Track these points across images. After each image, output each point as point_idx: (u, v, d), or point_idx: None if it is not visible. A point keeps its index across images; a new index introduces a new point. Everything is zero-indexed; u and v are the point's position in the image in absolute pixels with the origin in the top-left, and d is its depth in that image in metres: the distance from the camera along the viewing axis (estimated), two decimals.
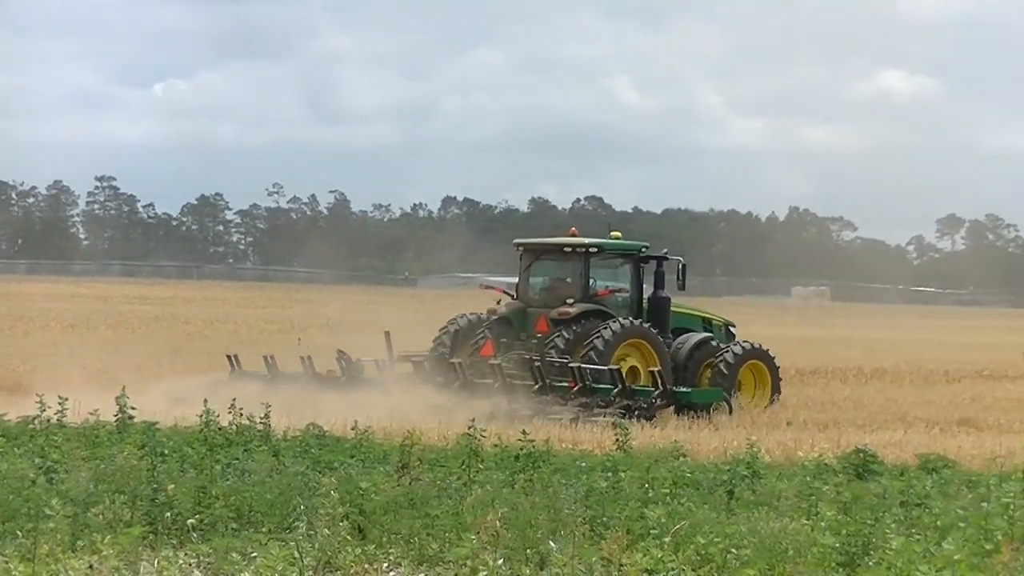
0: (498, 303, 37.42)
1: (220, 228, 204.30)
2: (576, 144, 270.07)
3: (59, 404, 21.95)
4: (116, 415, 23.97)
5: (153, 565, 14.09)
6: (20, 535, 14.68)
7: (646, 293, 36.98)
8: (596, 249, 36.42)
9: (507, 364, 34.41)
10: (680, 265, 36.94)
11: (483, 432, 19.62)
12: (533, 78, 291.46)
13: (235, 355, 37.89)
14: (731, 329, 38.79)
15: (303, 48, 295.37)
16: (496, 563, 13.45)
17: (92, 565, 13.70)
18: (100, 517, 15.89)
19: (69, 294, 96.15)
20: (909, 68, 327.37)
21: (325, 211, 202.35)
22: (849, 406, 38.20)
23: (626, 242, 37.64)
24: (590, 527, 15.42)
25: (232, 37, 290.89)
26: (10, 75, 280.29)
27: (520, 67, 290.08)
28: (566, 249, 36.63)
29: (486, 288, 41.26)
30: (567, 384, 33.11)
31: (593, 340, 34.49)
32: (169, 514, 15.88)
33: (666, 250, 37.92)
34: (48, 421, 22.22)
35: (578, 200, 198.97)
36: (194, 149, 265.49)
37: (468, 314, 37.04)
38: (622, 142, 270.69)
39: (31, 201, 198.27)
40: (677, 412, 33.07)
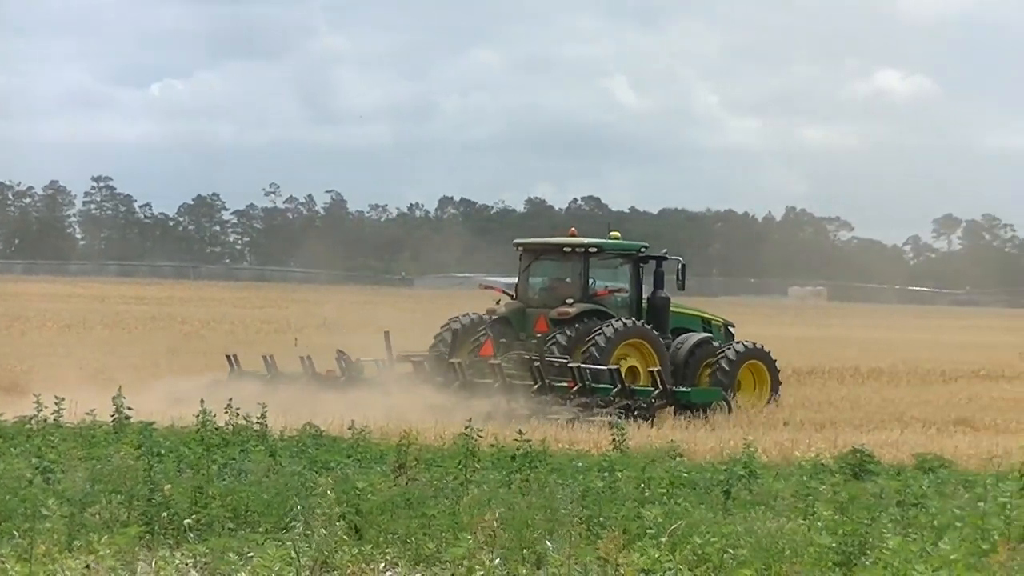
0: (497, 303, 37.40)
1: (217, 228, 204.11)
2: (574, 144, 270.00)
3: (56, 404, 21.88)
4: (113, 415, 23.95)
5: (150, 565, 14.09)
6: (16, 535, 14.66)
7: (645, 293, 36.99)
8: (596, 249, 36.42)
9: (507, 364, 34.40)
10: (680, 265, 36.95)
11: (480, 432, 19.64)
12: (531, 78, 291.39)
13: (234, 355, 37.86)
14: (730, 329, 38.82)
15: (300, 48, 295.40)
16: (492, 563, 13.44)
17: (89, 565, 13.70)
18: (97, 517, 15.90)
19: (66, 294, 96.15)
20: (907, 68, 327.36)
21: (322, 211, 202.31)
22: (846, 406, 38.19)
23: (626, 242, 37.64)
24: (587, 527, 15.44)
25: (229, 37, 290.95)
26: (7, 75, 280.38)
27: (518, 67, 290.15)
28: (566, 249, 36.62)
29: (485, 288, 41.23)
30: (567, 384, 33.11)
31: (593, 340, 34.49)
32: (166, 514, 15.88)
33: (666, 250, 37.92)
34: (45, 421, 22.17)
35: (575, 200, 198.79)
36: (191, 149, 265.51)
37: (468, 314, 37.00)
38: (620, 142, 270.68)
39: (28, 201, 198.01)
40: (675, 412, 33.05)
